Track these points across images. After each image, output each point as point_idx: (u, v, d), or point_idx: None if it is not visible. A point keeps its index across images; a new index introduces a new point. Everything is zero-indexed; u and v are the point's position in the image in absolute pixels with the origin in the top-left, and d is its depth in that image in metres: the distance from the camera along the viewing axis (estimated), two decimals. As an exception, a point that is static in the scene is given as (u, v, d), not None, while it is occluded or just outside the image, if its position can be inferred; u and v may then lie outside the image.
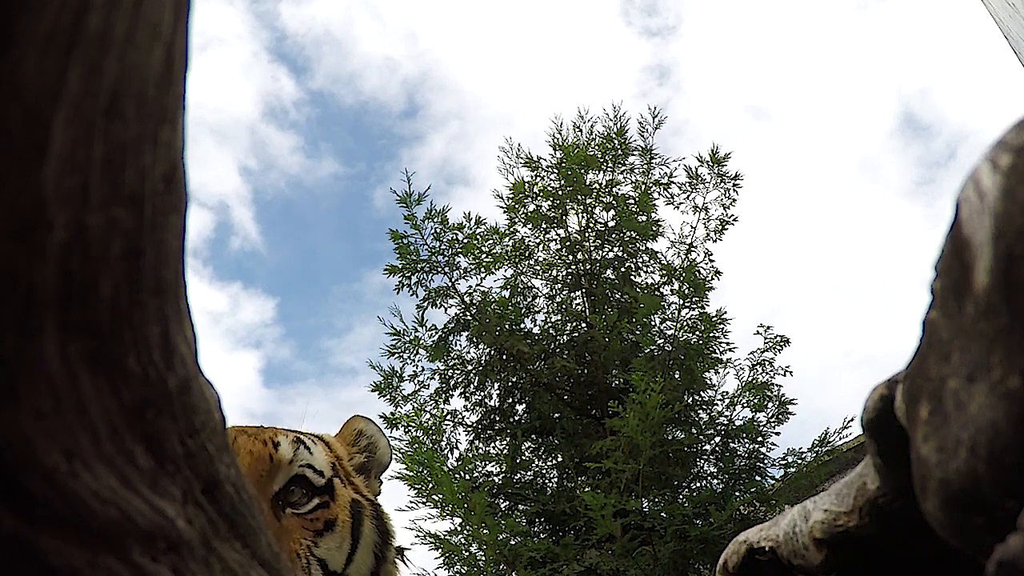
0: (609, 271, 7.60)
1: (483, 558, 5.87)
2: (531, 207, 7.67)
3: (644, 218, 7.44)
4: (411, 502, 5.93)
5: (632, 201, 7.52)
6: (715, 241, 7.35)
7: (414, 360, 6.88)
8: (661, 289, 7.31)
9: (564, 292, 7.57)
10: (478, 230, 6.88)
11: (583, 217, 7.68)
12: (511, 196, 7.68)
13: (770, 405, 6.43)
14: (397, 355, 6.83)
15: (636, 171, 7.75)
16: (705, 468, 6.53)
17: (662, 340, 6.90)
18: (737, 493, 6.24)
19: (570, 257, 7.60)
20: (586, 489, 5.97)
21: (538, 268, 7.64)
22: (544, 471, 6.95)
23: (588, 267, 7.51)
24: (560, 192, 7.59)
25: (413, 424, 6.17)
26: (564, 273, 7.61)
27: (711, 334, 6.81)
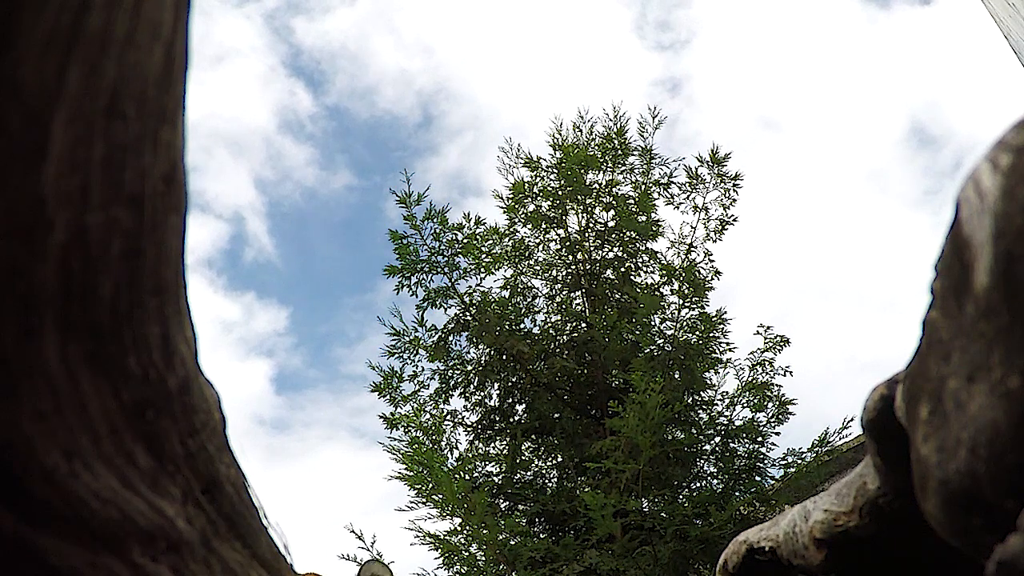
0: (609, 271, 7.60)
1: (483, 558, 5.87)
2: (531, 207, 7.67)
3: (644, 218, 7.44)
4: (411, 502, 5.93)
5: (632, 201, 7.52)
6: (715, 241, 7.36)
7: (414, 360, 6.88)
8: (661, 289, 7.31)
9: (564, 292, 7.57)
10: (478, 230, 6.88)
11: (583, 217, 7.68)
12: (511, 196, 7.68)
13: (770, 405, 6.42)
14: (397, 355, 6.83)
15: (636, 171, 7.76)
16: (705, 468, 6.53)
17: (662, 340, 6.90)
18: (737, 493, 6.23)
19: (570, 257, 7.60)
20: (586, 489, 5.97)
21: (538, 268, 7.64)
22: (544, 471, 6.95)
23: (588, 267, 7.51)
24: (560, 192, 7.59)
25: (413, 424, 6.17)
26: (564, 273, 7.61)
27: (711, 334, 6.81)
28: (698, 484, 6.48)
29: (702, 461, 6.52)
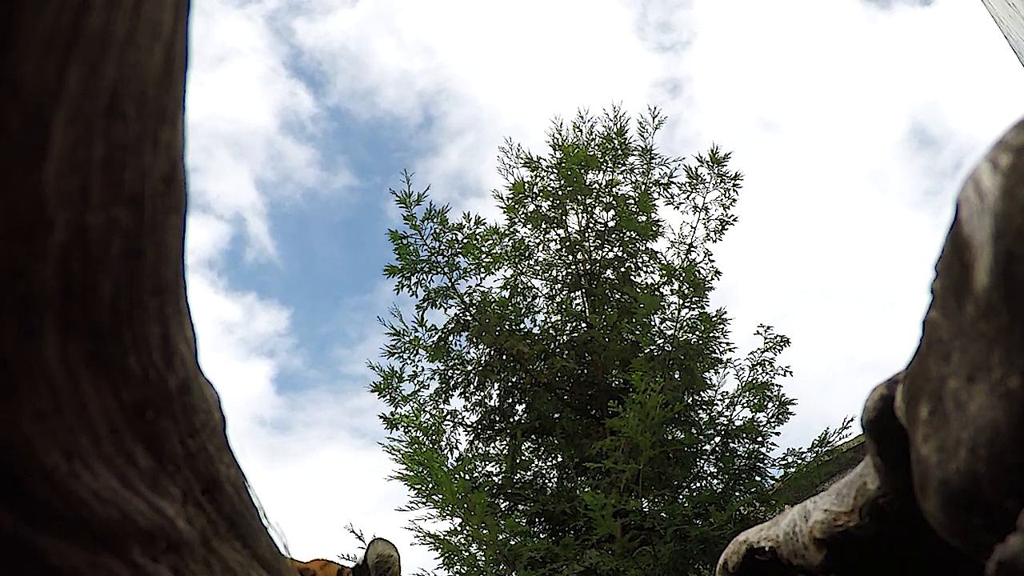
0: (609, 271, 7.60)
1: (483, 558, 5.87)
2: (531, 207, 7.67)
3: (644, 218, 7.44)
4: (411, 502, 5.93)
5: (632, 201, 7.52)
6: (715, 241, 7.36)
7: (414, 360, 6.88)
8: (661, 289, 7.31)
9: (564, 292, 7.57)
10: (478, 230, 6.88)
11: (583, 217, 7.67)
12: (511, 196, 7.68)
13: (770, 405, 6.42)
14: (397, 355, 6.83)
15: (636, 171, 7.76)
16: (705, 468, 6.53)
17: (662, 340, 6.89)
18: (737, 493, 6.23)
19: (570, 257, 7.60)
20: (586, 489, 5.97)
21: (538, 268, 7.64)
22: (544, 471, 6.95)
23: (588, 267, 7.51)
24: (560, 192, 7.59)
25: (413, 424, 6.17)
26: (564, 273, 7.61)
27: (711, 334, 6.81)
28: (698, 484, 6.47)
29: (702, 461, 6.51)
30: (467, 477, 6.34)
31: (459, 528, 5.83)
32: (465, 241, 6.75)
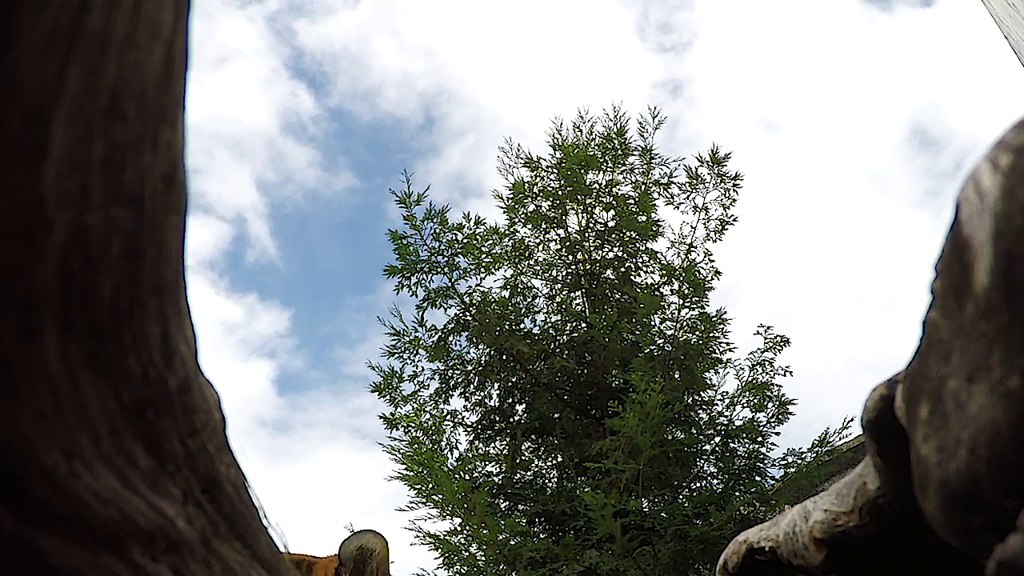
0: (609, 271, 7.60)
1: (483, 558, 5.87)
2: (531, 207, 7.67)
3: (644, 218, 7.44)
4: (411, 502, 5.93)
5: (632, 201, 7.52)
6: (715, 241, 7.35)
7: (414, 360, 6.88)
8: (661, 289, 7.31)
9: (564, 292, 7.57)
10: (478, 230, 6.88)
11: (583, 217, 7.67)
12: (511, 196, 7.68)
13: (770, 405, 6.42)
14: (397, 356, 6.83)
15: (636, 171, 7.76)
16: (705, 468, 6.53)
17: (662, 340, 6.89)
18: (737, 493, 6.23)
19: (570, 257, 7.60)
20: (586, 489, 5.97)
21: (538, 268, 7.64)
22: (544, 471, 6.95)
23: (588, 267, 7.51)
24: (560, 192, 7.59)
25: (413, 424, 6.17)
26: (564, 273, 7.61)
27: (711, 334, 6.81)
28: (698, 484, 6.47)
29: (702, 461, 6.51)
30: (467, 477, 6.34)
31: (459, 528, 5.83)
32: (465, 241, 6.75)
